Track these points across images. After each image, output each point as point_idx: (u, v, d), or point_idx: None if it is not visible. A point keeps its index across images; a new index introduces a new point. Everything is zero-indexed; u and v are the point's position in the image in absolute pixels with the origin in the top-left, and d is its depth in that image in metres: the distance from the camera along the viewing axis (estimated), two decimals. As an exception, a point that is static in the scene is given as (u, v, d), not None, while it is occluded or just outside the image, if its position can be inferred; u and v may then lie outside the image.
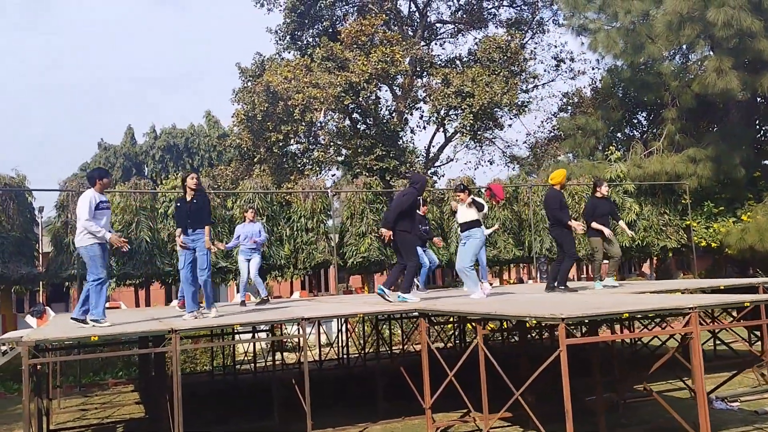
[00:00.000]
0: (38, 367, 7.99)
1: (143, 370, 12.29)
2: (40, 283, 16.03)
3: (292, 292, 24.74)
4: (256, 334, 12.00)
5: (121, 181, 32.83)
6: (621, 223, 10.62)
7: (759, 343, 10.88)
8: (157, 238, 15.11)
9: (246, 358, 14.50)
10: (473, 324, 7.56)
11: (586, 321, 6.41)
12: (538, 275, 18.34)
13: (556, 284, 9.42)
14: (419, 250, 10.81)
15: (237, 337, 12.72)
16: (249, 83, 21.99)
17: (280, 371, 11.24)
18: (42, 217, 16.80)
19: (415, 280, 9.60)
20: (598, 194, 10.21)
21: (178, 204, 8.21)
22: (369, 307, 8.14)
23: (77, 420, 9.95)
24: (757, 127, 22.06)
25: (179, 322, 7.19)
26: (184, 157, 41.34)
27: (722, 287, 9.05)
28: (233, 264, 15.39)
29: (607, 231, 9.80)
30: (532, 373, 5.96)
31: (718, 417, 7.92)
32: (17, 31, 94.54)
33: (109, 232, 7.26)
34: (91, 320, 7.16)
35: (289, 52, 24.03)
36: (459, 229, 9.43)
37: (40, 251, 15.72)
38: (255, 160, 20.68)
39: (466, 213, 9.20)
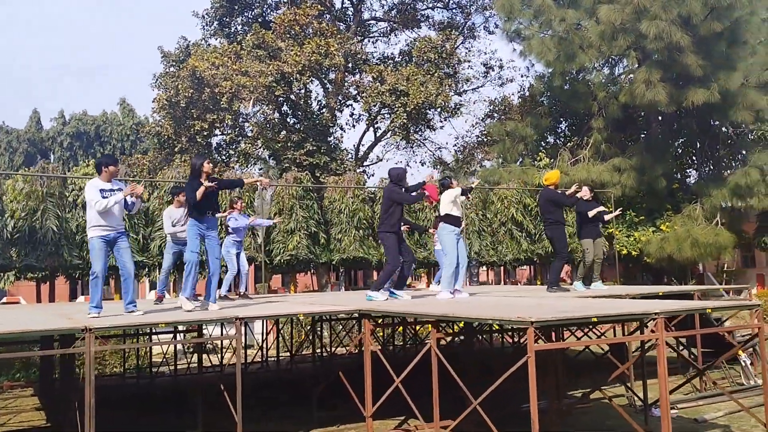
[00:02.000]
0: None
1: (45, 372, 11.12)
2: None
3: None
4: (177, 335, 11.06)
5: (24, 167, 30.51)
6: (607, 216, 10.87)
7: (686, 351, 11.07)
8: (65, 228, 13.82)
9: (164, 360, 13.49)
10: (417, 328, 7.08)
11: (553, 325, 6.06)
12: (468, 279, 18.18)
13: (549, 284, 9.34)
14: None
15: (156, 338, 11.72)
16: (172, 68, 20.77)
17: (201, 374, 10.40)
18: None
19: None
20: (585, 197, 10.19)
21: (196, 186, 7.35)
22: (307, 307, 7.51)
23: (-35, 428, 8.76)
24: (679, 140, 22.86)
25: (93, 320, 6.33)
26: (94, 146, 39.05)
27: (661, 293, 9.01)
28: (149, 258, 14.37)
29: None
30: (482, 377, 5.57)
31: (657, 425, 7.80)
32: None
33: (114, 223, 6.97)
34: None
35: (216, 39, 22.93)
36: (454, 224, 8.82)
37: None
38: (176, 149, 19.50)
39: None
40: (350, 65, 22.56)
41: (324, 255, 16.50)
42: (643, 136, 22.40)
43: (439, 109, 21.80)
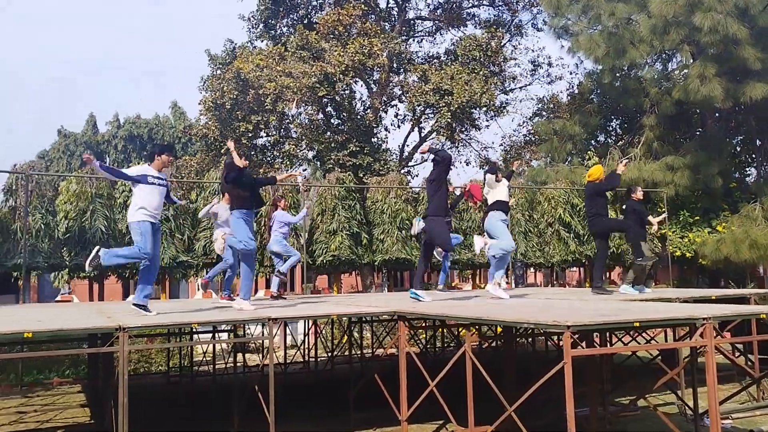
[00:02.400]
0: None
1: (93, 369, 11.34)
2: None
3: (256, 291, 23.81)
4: (216, 335, 11.13)
5: (80, 170, 31.44)
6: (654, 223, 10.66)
7: (742, 358, 10.52)
8: (113, 228, 14.13)
9: (205, 359, 13.62)
10: (459, 330, 6.88)
11: (593, 329, 5.79)
12: (513, 280, 17.84)
13: (594, 284, 9.10)
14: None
15: (196, 337, 11.82)
16: (218, 71, 21.02)
17: (242, 374, 10.43)
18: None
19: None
20: (634, 197, 9.97)
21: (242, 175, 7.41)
22: (341, 308, 7.40)
23: (12, 424, 8.98)
24: (736, 138, 21.96)
25: (131, 319, 6.36)
26: (147, 148, 39.94)
27: (714, 297, 8.58)
28: (194, 258, 14.56)
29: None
30: (518, 383, 5.35)
31: (709, 435, 7.41)
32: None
33: (157, 210, 6.79)
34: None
35: (262, 41, 23.11)
36: (502, 210, 8.61)
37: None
38: (222, 150, 19.71)
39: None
40: (395, 65, 22.44)
41: (366, 256, 16.41)
42: (698, 133, 21.57)
43: (484, 108, 21.47)
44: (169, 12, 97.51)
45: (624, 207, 10.81)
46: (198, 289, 26.88)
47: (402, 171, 22.72)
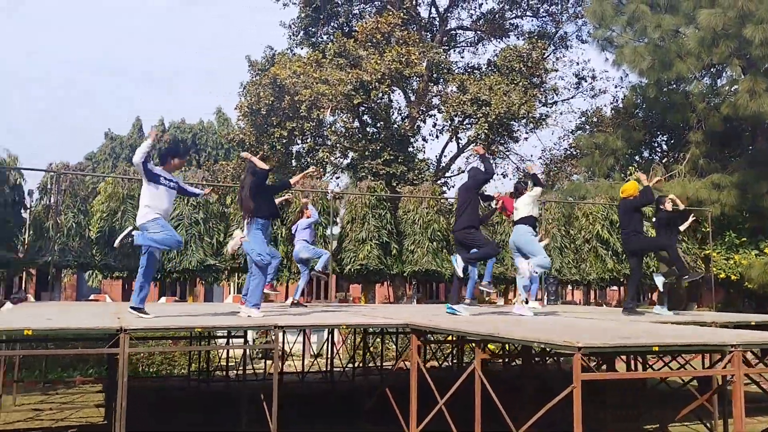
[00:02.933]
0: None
1: (111, 369, 11.34)
2: (24, 269, 15.19)
3: (286, 297, 23.77)
4: (231, 340, 11.01)
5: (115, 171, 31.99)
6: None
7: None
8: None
9: (230, 364, 13.58)
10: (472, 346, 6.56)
11: (606, 352, 5.42)
12: (545, 296, 17.32)
13: (625, 304, 8.70)
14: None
15: (213, 342, 11.74)
16: (257, 77, 21.14)
17: (254, 381, 10.29)
18: (33, 201, 15.98)
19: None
20: (663, 209, 9.59)
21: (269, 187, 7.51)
22: (351, 318, 7.18)
23: (28, 421, 8.99)
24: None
25: (133, 321, 6.26)
26: (191, 153, 40.59)
27: (753, 323, 8.04)
28: (222, 262, 14.54)
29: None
30: (534, 404, 5.00)
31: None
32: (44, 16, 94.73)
33: (165, 213, 6.72)
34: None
35: (302, 48, 23.20)
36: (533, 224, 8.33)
37: (27, 236, 14.84)
38: (257, 156, 19.75)
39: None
40: (434, 75, 22.21)
41: (396, 266, 16.14)
42: (747, 150, 20.70)
43: (523, 120, 21.06)
44: (221, 16, 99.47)
45: (654, 220, 10.35)
46: (231, 293, 26.98)
47: (438, 182, 22.44)
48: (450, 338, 10.34)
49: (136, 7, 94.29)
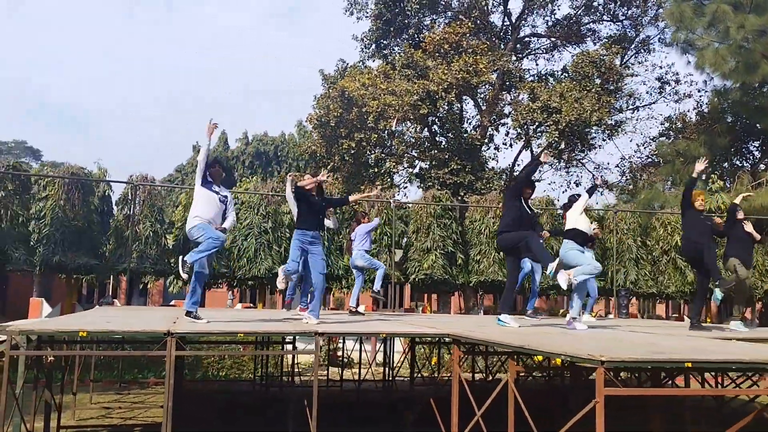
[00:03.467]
0: (49, 359, 7.65)
1: (180, 371, 11.86)
2: (111, 275, 16.11)
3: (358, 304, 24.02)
4: (285, 346, 11.26)
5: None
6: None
7: None
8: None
9: (296, 369, 13.93)
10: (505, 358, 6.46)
11: (631, 367, 5.22)
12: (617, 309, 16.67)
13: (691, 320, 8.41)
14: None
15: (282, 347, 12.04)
16: (330, 90, 21.63)
17: (291, 386, 10.47)
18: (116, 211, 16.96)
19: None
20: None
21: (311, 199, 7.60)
22: (393, 327, 7.23)
23: (100, 418, 9.56)
24: None
25: (182, 325, 6.56)
26: (272, 165, 41.85)
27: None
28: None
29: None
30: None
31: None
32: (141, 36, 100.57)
33: (213, 221, 6.95)
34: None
35: (373, 61, 23.53)
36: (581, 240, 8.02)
37: (109, 243, 15.76)
38: (329, 167, 20.19)
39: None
40: (506, 83, 21.98)
41: (461, 276, 16.05)
42: None
43: (602, 127, 20.49)
44: (301, 32, 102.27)
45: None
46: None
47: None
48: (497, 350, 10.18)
49: (229, 24, 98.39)
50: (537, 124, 19.56)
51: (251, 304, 25.61)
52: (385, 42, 23.26)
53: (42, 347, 7.05)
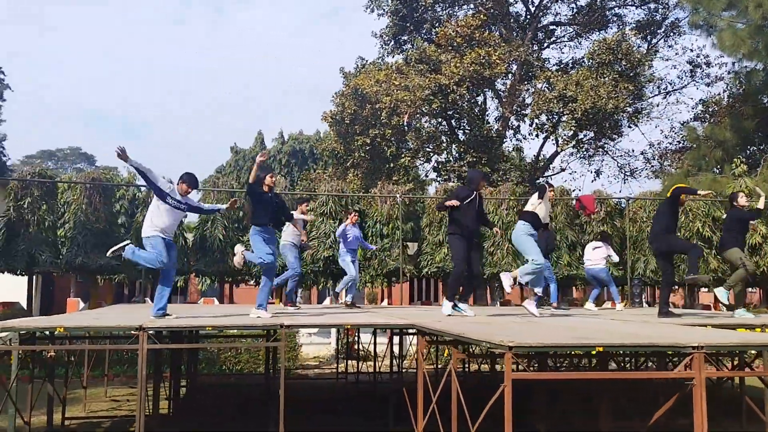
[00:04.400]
0: (49, 354, 8.18)
1: (195, 365, 12.38)
2: (136, 275, 16.82)
3: (382, 299, 24.35)
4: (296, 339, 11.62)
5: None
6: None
7: None
8: (231, 238, 15.32)
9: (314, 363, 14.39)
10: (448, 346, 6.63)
11: (537, 351, 5.33)
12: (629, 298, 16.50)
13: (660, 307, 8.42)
14: None
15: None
16: (346, 87, 21.95)
17: (322, 379, 10.78)
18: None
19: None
20: (737, 205, 9.20)
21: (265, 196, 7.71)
22: (360, 319, 7.49)
23: (108, 410, 10.11)
24: None
25: (150, 321, 6.95)
26: (309, 163, 42.46)
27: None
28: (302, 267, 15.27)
29: None
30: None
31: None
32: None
33: (168, 230, 7.05)
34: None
35: (392, 57, 23.72)
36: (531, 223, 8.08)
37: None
38: (348, 164, 20.52)
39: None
40: (525, 73, 21.85)
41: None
42: None
43: (621, 115, 20.19)
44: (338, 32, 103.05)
45: (726, 216, 9.72)
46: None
47: (536, 181, 21.99)
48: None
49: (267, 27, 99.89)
50: (554, 113, 19.42)
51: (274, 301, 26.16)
52: (404, 38, 23.41)
53: (40, 345, 7.64)
